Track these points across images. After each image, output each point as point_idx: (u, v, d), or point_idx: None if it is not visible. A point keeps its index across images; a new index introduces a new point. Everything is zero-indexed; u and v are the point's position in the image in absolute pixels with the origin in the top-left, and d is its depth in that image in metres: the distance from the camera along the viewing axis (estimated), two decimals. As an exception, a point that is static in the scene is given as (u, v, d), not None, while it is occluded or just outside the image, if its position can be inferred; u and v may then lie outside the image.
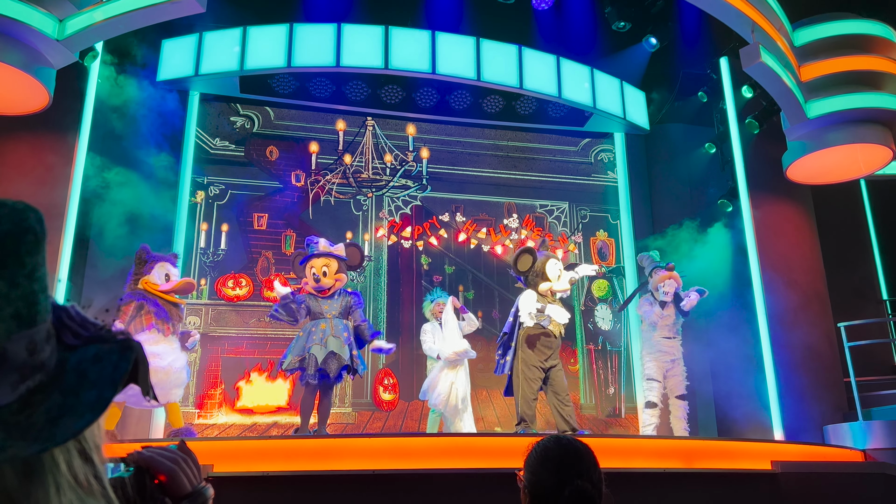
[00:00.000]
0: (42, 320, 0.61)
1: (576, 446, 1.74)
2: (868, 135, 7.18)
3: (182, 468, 0.90)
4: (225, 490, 4.39)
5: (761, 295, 7.59)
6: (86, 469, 0.67)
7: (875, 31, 7.37)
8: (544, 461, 1.72)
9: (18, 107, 6.33)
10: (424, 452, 4.81)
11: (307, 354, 5.22)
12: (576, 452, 1.73)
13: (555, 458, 1.71)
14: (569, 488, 1.63)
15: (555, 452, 1.73)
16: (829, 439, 6.81)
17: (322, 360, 5.18)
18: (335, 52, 7.78)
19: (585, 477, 1.66)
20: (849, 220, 9.45)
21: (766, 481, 5.04)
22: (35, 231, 0.61)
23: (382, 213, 8.57)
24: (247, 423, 7.46)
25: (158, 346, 5.17)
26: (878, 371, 8.01)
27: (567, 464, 1.69)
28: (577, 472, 1.66)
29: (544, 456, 1.73)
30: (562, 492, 1.63)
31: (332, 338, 5.28)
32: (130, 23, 6.19)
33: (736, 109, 8.13)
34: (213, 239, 7.94)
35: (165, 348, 5.23)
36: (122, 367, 0.64)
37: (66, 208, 6.57)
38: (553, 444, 1.76)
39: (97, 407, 0.62)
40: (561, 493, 1.63)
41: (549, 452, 1.73)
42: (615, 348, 8.67)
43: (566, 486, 1.63)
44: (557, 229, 8.98)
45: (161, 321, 5.28)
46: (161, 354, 5.14)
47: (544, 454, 1.74)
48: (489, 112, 9.02)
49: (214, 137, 8.29)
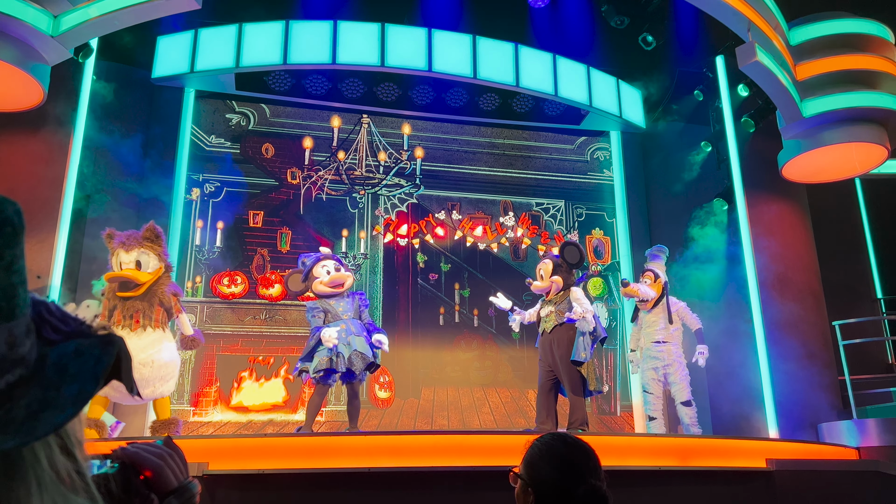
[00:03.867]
0: (21, 314, 0.61)
1: (582, 445, 1.73)
2: (863, 134, 7.20)
3: (168, 463, 0.90)
4: (220, 488, 4.38)
5: (756, 293, 7.60)
6: (67, 464, 0.66)
7: (871, 31, 7.39)
8: (551, 460, 1.69)
9: (13, 103, 6.30)
10: (420, 450, 4.80)
11: (335, 356, 5.24)
12: (584, 451, 1.71)
13: (564, 457, 1.69)
14: (583, 487, 1.61)
15: (561, 451, 1.70)
16: (824, 437, 6.82)
17: (348, 360, 5.24)
18: (331, 49, 7.76)
19: (596, 476, 1.65)
20: (844, 219, 9.48)
21: (761, 479, 5.05)
22: (13, 223, 0.60)
23: (379, 211, 8.56)
24: (242, 421, 7.46)
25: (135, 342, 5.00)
26: (872, 369, 8.03)
27: (577, 462, 1.67)
28: (588, 471, 1.65)
29: (550, 454, 1.70)
30: (575, 491, 1.62)
31: (355, 337, 5.34)
32: (125, 19, 6.16)
33: (732, 108, 8.14)
34: (208, 236, 7.92)
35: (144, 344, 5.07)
36: (103, 362, 0.64)
37: (61, 205, 6.55)
38: (559, 442, 1.73)
39: (78, 401, 0.62)
40: (574, 492, 1.62)
41: (556, 451, 1.70)
42: (610, 346, 8.68)
43: (580, 486, 1.62)
44: (553, 227, 8.98)
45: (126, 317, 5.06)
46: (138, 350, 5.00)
47: (550, 452, 1.70)
48: (485, 110, 9.01)
49: (210, 134, 8.27)
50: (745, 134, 8.06)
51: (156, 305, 5.23)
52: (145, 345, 5.10)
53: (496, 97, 8.92)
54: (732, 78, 7.97)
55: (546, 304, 5.91)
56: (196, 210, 7.97)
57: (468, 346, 8.26)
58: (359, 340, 5.33)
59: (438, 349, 8.17)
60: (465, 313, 8.40)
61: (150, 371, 5.11)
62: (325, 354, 5.27)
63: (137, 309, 5.12)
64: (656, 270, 6.64)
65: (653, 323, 6.51)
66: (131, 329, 5.06)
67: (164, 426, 5.30)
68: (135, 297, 5.14)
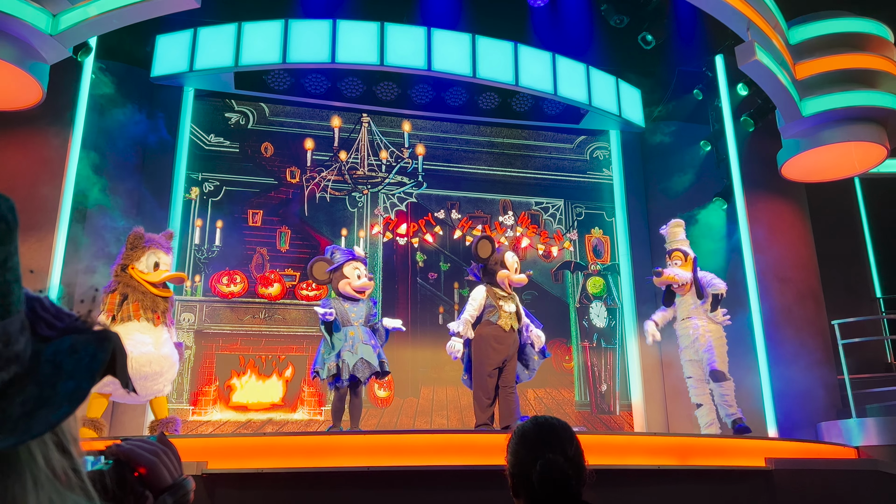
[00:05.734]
0: (16, 311, 0.60)
1: (551, 423, 1.75)
2: (863, 133, 7.20)
3: (162, 460, 0.89)
4: (219, 487, 4.38)
5: (755, 292, 7.60)
6: (63, 462, 0.66)
7: (870, 30, 7.39)
8: (521, 440, 1.73)
9: (11, 102, 6.30)
10: (420, 449, 4.80)
11: (340, 361, 5.25)
12: (550, 428, 1.73)
13: (529, 437, 1.72)
14: (540, 462, 1.62)
15: (531, 432, 1.73)
16: (823, 436, 6.82)
17: (353, 366, 5.22)
18: (330, 48, 7.76)
19: (557, 450, 1.65)
20: (843, 218, 9.48)
21: (761, 478, 5.05)
22: (7, 220, 0.59)
23: (378, 210, 8.56)
24: (241, 420, 7.45)
25: (145, 336, 5.13)
26: (871, 368, 8.04)
27: (541, 440, 1.70)
28: (548, 447, 1.66)
29: (521, 436, 1.74)
30: (534, 465, 1.63)
31: (362, 344, 5.33)
32: (124, 18, 6.15)
33: (731, 107, 8.14)
34: (207, 235, 7.92)
35: (152, 339, 5.17)
36: (99, 358, 0.63)
37: (60, 204, 6.54)
38: (530, 423, 1.77)
39: (75, 398, 0.61)
40: (533, 466, 1.63)
41: (526, 433, 1.74)
42: (610, 346, 8.68)
43: (538, 461, 1.63)
44: (553, 227, 8.98)
45: (148, 311, 5.21)
46: (148, 345, 5.09)
47: (522, 434, 1.75)
48: (485, 109, 9.01)
49: (209, 133, 8.26)
50: (745, 133, 8.05)
51: (169, 307, 5.47)
52: (164, 340, 5.26)
53: (495, 96, 8.92)
54: (732, 77, 7.96)
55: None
56: (195, 209, 7.97)
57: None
58: (366, 349, 5.31)
59: (438, 348, 8.12)
60: (464, 312, 8.39)
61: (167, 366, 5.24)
62: (333, 360, 5.28)
63: (160, 306, 5.31)
64: (684, 249, 6.47)
65: (684, 301, 6.34)
66: (154, 324, 5.23)
67: (162, 425, 5.31)
68: (165, 296, 5.39)
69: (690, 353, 6.33)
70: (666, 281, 6.35)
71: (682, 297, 6.42)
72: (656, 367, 8.42)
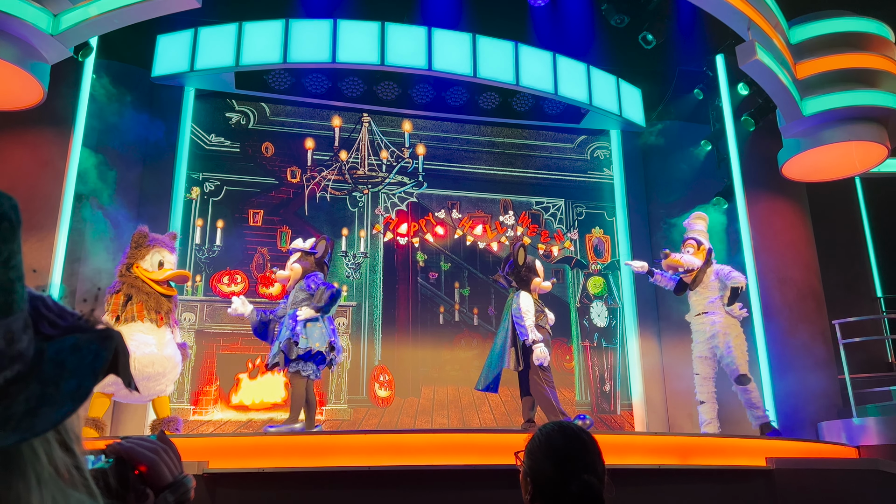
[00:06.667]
0: (19, 309, 0.61)
1: (581, 437, 1.69)
2: (863, 132, 7.20)
3: (162, 458, 0.90)
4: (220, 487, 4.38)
5: (756, 291, 7.60)
6: (66, 460, 0.66)
7: (871, 29, 7.38)
8: (548, 450, 1.67)
9: (12, 102, 6.30)
10: (420, 449, 4.80)
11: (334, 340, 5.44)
12: (582, 444, 1.68)
13: (560, 449, 1.67)
14: (576, 483, 1.58)
15: (560, 443, 1.68)
16: (824, 436, 6.82)
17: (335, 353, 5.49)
18: (331, 48, 7.76)
19: (591, 471, 1.62)
20: (844, 218, 9.48)
21: (761, 478, 5.05)
22: (10, 218, 0.60)
23: (378, 209, 8.56)
24: (242, 420, 7.46)
25: (148, 337, 5.15)
26: (872, 368, 8.04)
27: (573, 456, 1.65)
28: (583, 466, 1.62)
29: (548, 445, 1.68)
30: (568, 486, 1.59)
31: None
32: (125, 18, 6.16)
33: (732, 107, 8.14)
34: (208, 235, 7.92)
35: (155, 340, 5.19)
36: (102, 357, 0.63)
37: (61, 203, 6.55)
38: (558, 433, 1.70)
39: (77, 397, 0.62)
40: (567, 487, 1.59)
41: (554, 442, 1.68)
42: (610, 345, 8.68)
43: (573, 481, 1.59)
44: (553, 226, 8.98)
45: (151, 312, 5.25)
46: (151, 346, 5.12)
47: (548, 443, 1.69)
48: (485, 109, 9.01)
49: (210, 133, 8.26)
50: (745, 133, 8.05)
51: (173, 307, 5.50)
52: (167, 341, 5.29)
53: (496, 96, 8.92)
54: (732, 76, 7.96)
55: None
56: (196, 209, 7.97)
57: (468, 344, 8.26)
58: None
59: (438, 348, 8.17)
60: (465, 312, 8.40)
61: (170, 367, 5.27)
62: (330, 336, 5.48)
63: (163, 307, 5.34)
64: (699, 238, 6.39)
65: (700, 295, 6.24)
66: (157, 325, 5.26)
67: (164, 424, 5.33)
68: (170, 295, 5.43)
69: (703, 349, 6.24)
70: (671, 264, 6.27)
71: (698, 292, 6.30)
72: (657, 366, 8.43)
